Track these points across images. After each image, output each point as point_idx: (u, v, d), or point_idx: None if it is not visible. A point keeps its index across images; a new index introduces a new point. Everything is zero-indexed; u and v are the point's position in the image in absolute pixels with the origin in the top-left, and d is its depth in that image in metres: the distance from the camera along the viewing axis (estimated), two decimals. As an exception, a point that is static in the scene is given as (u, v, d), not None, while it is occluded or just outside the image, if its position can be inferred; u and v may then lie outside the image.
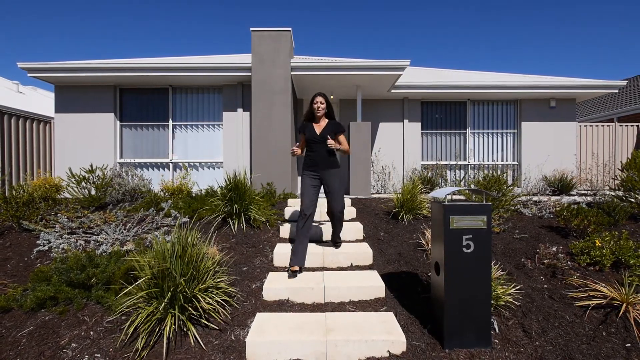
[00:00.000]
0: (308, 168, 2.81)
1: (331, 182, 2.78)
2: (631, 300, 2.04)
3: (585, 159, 6.68)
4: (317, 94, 2.84)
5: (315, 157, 2.79)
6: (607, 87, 6.11)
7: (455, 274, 1.89)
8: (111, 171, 4.43)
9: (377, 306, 2.25)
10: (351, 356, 1.80)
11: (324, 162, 2.80)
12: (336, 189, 2.78)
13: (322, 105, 2.81)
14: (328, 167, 2.80)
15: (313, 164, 2.79)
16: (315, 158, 2.79)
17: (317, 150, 2.78)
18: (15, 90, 11.95)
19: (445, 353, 1.83)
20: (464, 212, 1.90)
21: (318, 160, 2.79)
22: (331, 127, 2.85)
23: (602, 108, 10.81)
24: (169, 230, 3.14)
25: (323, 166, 2.79)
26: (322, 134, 2.78)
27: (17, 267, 2.65)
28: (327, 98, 2.86)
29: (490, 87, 6.07)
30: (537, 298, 2.25)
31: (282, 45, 5.08)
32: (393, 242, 3.15)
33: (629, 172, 3.53)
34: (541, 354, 1.83)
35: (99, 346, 1.85)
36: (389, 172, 6.36)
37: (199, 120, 6.03)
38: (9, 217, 3.25)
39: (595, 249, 2.54)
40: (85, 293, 2.20)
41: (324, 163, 2.80)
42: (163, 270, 1.95)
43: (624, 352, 1.83)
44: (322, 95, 2.82)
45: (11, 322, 2.03)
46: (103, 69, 5.37)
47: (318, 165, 2.78)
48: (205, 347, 1.84)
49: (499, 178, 3.78)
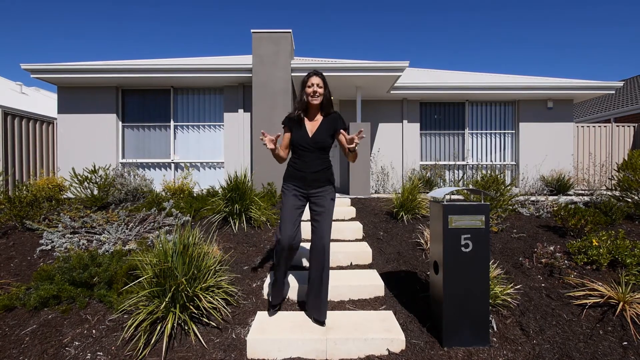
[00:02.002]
0: (292, 181, 2.02)
1: (321, 201, 1.98)
2: (628, 299, 2.06)
3: (582, 159, 6.72)
4: (312, 72, 1.97)
5: (304, 167, 1.98)
6: (604, 88, 6.15)
7: (453, 273, 1.91)
8: (113, 171, 4.45)
9: (376, 305, 2.27)
10: (351, 354, 1.82)
11: (316, 177, 1.99)
12: (327, 211, 1.97)
13: (319, 90, 1.95)
14: (321, 184, 2.00)
15: (299, 178, 1.99)
16: (304, 169, 1.98)
17: (307, 159, 1.98)
18: (19, 91, 12.01)
19: (443, 351, 1.85)
20: (463, 212, 1.92)
21: (307, 173, 1.98)
22: (329, 124, 2.01)
23: (599, 109, 10.86)
24: (171, 229, 3.16)
25: (314, 183, 1.99)
26: (315, 139, 1.98)
27: (21, 266, 2.67)
28: (325, 80, 1.99)
29: (488, 88, 6.11)
30: (534, 297, 2.28)
31: (282, 46, 5.11)
32: (392, 241, 3.18)
33: (625, 172, 3.56)
34: (539, 352, 1.84)
35: (101, 344, 1.87)
36: (388, 172, 6.39)
37: (201, 121, 6.06)
38: (12, 217, 3.27)
39: (592, 248, 2.57)
40: (87, 292, 2.22)
41: (316, 178, 1.99)
42: (164, 270, 1.97)
43: (620, 350, 1.85)
44: (320, 76, 1.97)
45: (14, 320, 2.04)
46: (105, 70, 5.40)
47: (306, 179, 1.98)
48: (206, 345, 1.86)
49: (497, 178, 3.81)
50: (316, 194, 2.00)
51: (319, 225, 1.97)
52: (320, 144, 1.99)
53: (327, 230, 1.97)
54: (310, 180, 1.99)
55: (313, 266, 1.99)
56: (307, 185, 2.00)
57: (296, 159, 2.03)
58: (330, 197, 2.02)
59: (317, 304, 1.99)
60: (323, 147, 2.01)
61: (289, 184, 2.03)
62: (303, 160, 2.00)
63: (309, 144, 1.98)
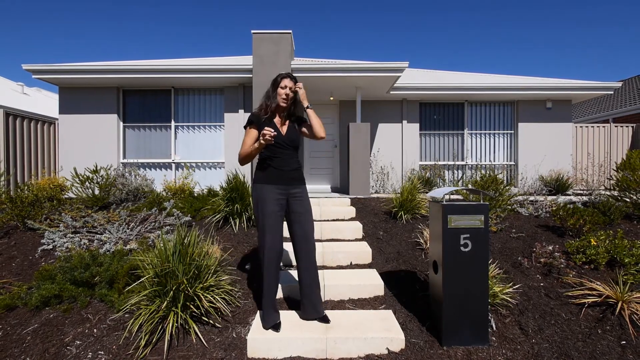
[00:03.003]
0: (271, 181, 1.92)
1: (303, 202, 1.97)
2: (626, 298, 2.07)
3: (581, 159, 6.73)
4: (284, 74, 1.97)
5: (283, 165, 1.92)
6: (603, 88, 6.17)
7: (453, 272, 1.92)
8: (115, 171, 4.47)
9: (376, 304, 2.28)
10: (351, 353, 1.83)
11: (295, 175, 1.97)
12: (309, 212, 1.99)
13: (291, 94, 1.95)
14: (300, 183, 1.99)
15: (279, 177, 1.92)
16: (283, 167, 1.93)
17: (284, 157, 1.93)
18: (20, 92, 12.02)
19: (443, 350, 1.86)
20: (462, 212, 1.93)
21: (286, 171, 1.94)
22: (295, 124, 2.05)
23: (597, 109, 10.88)
24: (172, 229, 3.17)
25: (294, 181, 1.96)
26: (290, 137, 1.97)
27: (22, 265, 2.68)
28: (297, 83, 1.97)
29: (488, 89, 6.13)
30: (533, 296, 2.29)
31: (282, 47, 5.13)
32: (392, 241, 3.19)
33: (623, 172, 3.58)
34: (538, 351, 1.85)
35: (102, 343, 1.88)
36: (387, 172, 6.41)
37: (201, 121, 6.08)
38: (14, 217, 3.29)
39: (590, 247, 2.58)
40: (88, 291, 2.23)
41: (294, 176, 1.96)
42: (165, 269, 1.98)
43: (619, 349, 1.86)
44: (292, 78, 1.96)
45: (16, 319, 2.06)
46: (107, 70, 5.42)
47: (287, 177, 1.94)
48: (207, 345, 1.87)
49: (496, 178, 3.82)
50: (296, 194, 1.96)
51: (304, 228, 1.95)
52: (294, 143, 2.00)
53: (312, 230, 1.98)
54: (290, 179, 1.95)
55: (303, 269, 1.97)
56: (287, 185, 1.94)
57: (273, 158, 1.94)
58: (308, 197, 2.03)
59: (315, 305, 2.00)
60: (296, 145, 2.02)
61: (269, 185, 1.90)
62: (281, 158, 1.93)
63: (283, 142, 1.94)
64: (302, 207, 1.97)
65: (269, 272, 1.92)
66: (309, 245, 1.96)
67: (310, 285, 1.99)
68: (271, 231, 1.88)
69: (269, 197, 1.90)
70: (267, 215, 1.88)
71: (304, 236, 1.95)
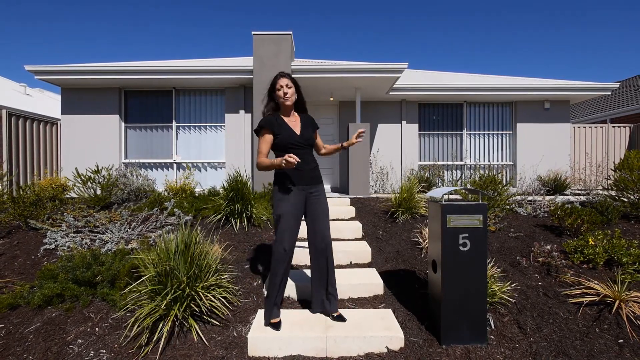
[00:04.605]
0: (292, 181, 1.94)
1: (321, 201, 2.01)
2: (624, 297, 2.08)
3: (578, 159, 6.76)
4: (279, 74, 1.98)
5: (301, 165, 1.90)
6: (600, 89, 6.20)
7: (451, 271, 1.93)
8: (116, 171, 4.49)
9: (375, 303, 2.30)
10: (351, 352, 1.84)
11: (313, 174, 2.00)
12: (327, 211, 2.03)
13: (289, 90, 1.96)
14: (318, 181, 2.03)
15: (299, 177, 1.95)
16: (302, 167, 1.92)
17: (302, 156, 1.91)
18: (23, 93, 12.05)
19: (442, 349, 1.88)
20: (461, 212, 1.94)
21: (305, 170, 1.96)
22: (309, 123, 2.07)
23: (595, 110, 10.92)
24: (173, 229, 3.19)
25: (312, 180, 1.99)
26: (304, 136, 1.99)
27: (25, 265, 2.70)
28: (294, 80, 2.00)
29: (486, 90, 6.16)
30: (531, 295, 2.31)
31: (283, 48, 5.16)
32: (391, 240, 3.21)
33: (621, 172, 3.60)
34: (536, 350, 1.87)
35: (104, 342, 1.89)
36: (387, 172, 6.43)
37: (202, 121, 6.10)
38: (16, 216, 3.31)
39: (588, 247, 2.59)
40: (90, 290, 2.24)
41: (313, 175, 2.00)
42: (167, 268, 2.00)
43: (616, 347, 1.88)
44: (288, 77, 1.97)
45: (19, 318, 2.07)
46: (108, 71, 5.45)
47: (303, 178, 1.96)
48: (207, 343, 1.88)
49: (494, 178, 3.84)
50: (315, 193, 2.01)
51: (321, 227, 1.99)
52: (310, 141, 2.03)
53: (328, 229, 2.03)
54: (309, 178, 1.99)
55: (318, 266, 2.03)
56: (307, 185, 1.98)
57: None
58: (325, 196, 2.08)
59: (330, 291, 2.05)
60: (311, 144, 2.05)
61: (289, 185, 1.94)
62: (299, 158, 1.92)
63: (299, 142, 1.97)
64: (319, 206, 2.01)
65: (278, 271, 1.95)
66: (325, 242, 2.00)
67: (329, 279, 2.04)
68: (287, 231, 1.92)
69: (288, 197, 1.95)
70: (287, 214, 1.92)
71: (321, 234, 2.00)
